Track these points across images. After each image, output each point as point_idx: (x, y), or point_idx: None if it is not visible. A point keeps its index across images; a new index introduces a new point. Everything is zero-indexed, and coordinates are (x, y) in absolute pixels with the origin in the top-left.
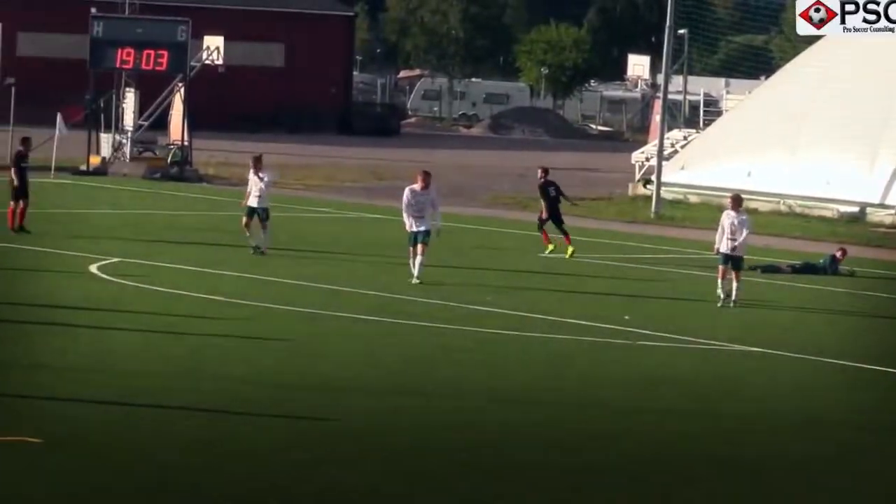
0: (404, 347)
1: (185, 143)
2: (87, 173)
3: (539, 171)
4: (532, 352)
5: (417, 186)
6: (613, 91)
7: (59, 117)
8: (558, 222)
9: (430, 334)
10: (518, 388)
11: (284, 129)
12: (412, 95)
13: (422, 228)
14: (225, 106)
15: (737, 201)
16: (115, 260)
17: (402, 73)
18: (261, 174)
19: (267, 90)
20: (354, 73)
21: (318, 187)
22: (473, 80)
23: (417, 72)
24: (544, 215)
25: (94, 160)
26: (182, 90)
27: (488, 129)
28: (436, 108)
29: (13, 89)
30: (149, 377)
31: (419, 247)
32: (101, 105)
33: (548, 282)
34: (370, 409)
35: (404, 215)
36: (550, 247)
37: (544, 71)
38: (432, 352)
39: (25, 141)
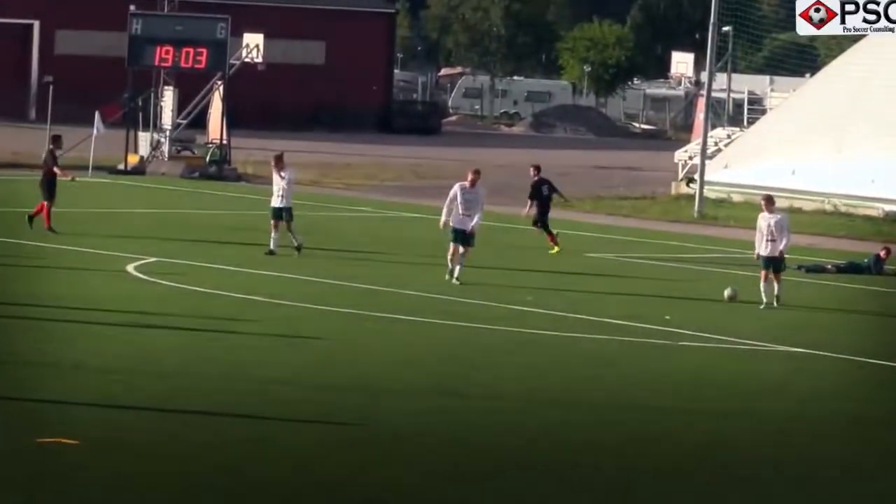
0: (444, 348)
1: (224, 142)
2: (124, 172)
3: (531, 168)
4: (572, 352)
5: (467, 183)
6: (657, 89)
7: (96, 116)
8: (545, 222)
9: (470, 335)
10: (558, 390)
11: (324, 128)
12: (453, 93)
13: (468, 228)
14: (264, 104)
15: (769, 201)
16: (153, 260)
17: (443, 71)
18: (282, 173)
19: (307, 88)
20: (395, 70)
21: (358, 186)
22: (515, 77)
23: (458, 69)
24: (531, 212)
25: (132, 159)
26: (221, 88)
27: (530, 128)
28: (477, 107)
29: (51, 87)
30: (187, 378)
31: (461, 248)
32: (140, 103)
33: (589, 282)
34: (411, 410)
35: (444, 210)
36: (556, 248)
37: (587, 69)
38: (472, 353)
39: (56, 139)
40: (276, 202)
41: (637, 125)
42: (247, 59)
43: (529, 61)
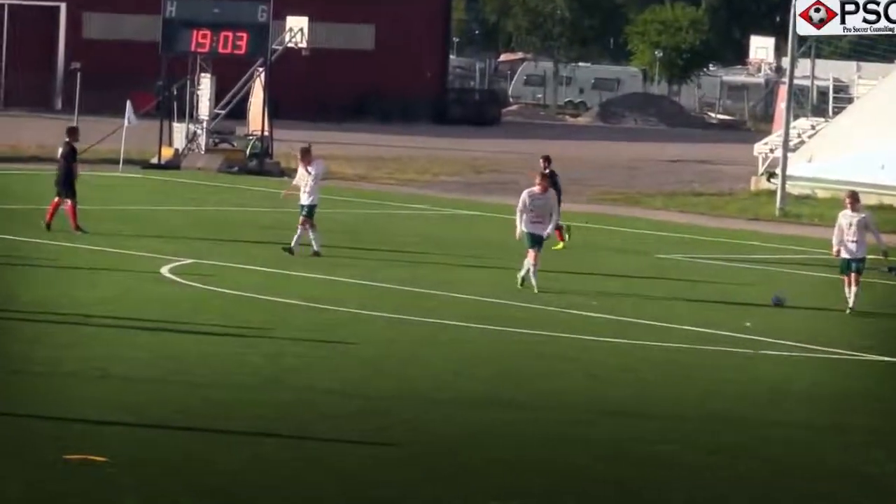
0: (502, 356)
1: (266, 134)
2: (158, 167)
3: (542, 160)
4: (642, 361)
5: (536, 189)
6: (734, 76)
7: (128, 105)
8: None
9: (530, 342)
10: (627, 401)
11: (374, 119)
12: (513, 81)
13: (541, 233)
14: (309, 93)
15: (854, 199)
16: (188, 261)
17: (503, 57)
18: (309, 168)
19: (355, 75)
20: (451, 56)
21: (410, 182)
22: (581, 64)
23: (519, 55)
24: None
25: (167, 152)
26: (262, 76)
27: (597, 118)
28: (539, 95)
29: (79, 75)
30: (224, 389)
31: (532, 253)
32: (174, 92)
33: (659, 286)
34: (467, 422)
35: (517, 220)
36: (561, 244)
37: (658, 54)
38: (532, 361)
39: (73, 132)
40: (303, 199)
41: (713, 115)
42: (290, 45)
43: (596, 46)
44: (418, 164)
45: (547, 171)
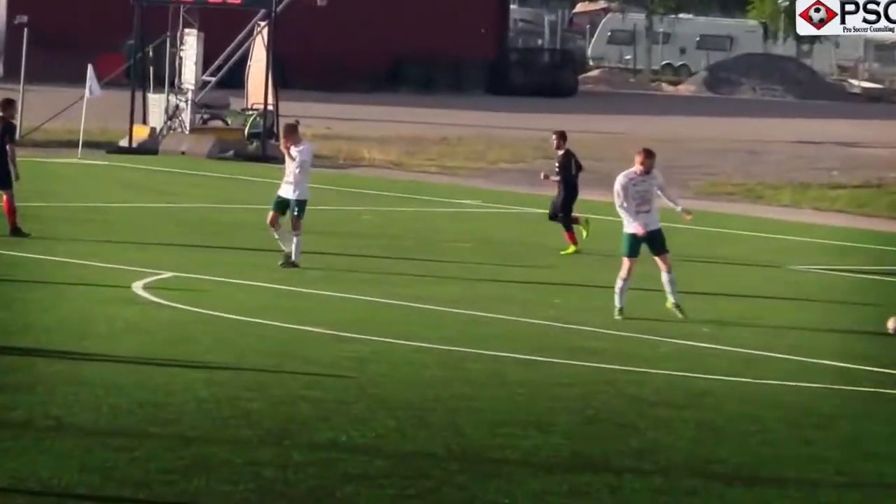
0: (585, 401)
1: (270, 108)
2: (129, 151)
3: (554, 136)
4: (769, 408)
5: (636, 169)
6: (883, 32)
7: (90, 71)
8: (568, 212)
9: (622, 382)
10: (750, 461)
11: (411, 88)
12: (594, 39)
13: (653, 228)
14: (326, 55)
15: None
16: (168, 275)
17: (580, 7)
18: (293, 150)
19: (385, 33)
20: (512, 6)
21: (458, 170)
22: (682, 16)
23: (601, 4)
24: (560, 197)
25: (140, 132)
26: (265, 32)
27: (703, 86)
28: (628, 57)
29: (25, 30)
30: (219, 445)
31: (658, 259)
32: (150, 54)
33: (791, 306)
34: (541, 490)
35: (622, 212)
36: (572, 248)
37: (783, 3)
38: (622, 408)
39: (7, 104)
40: (283, 191)
41: (855, 83)
42: None
43: None
44: (470, 148)
45: (563, 150)
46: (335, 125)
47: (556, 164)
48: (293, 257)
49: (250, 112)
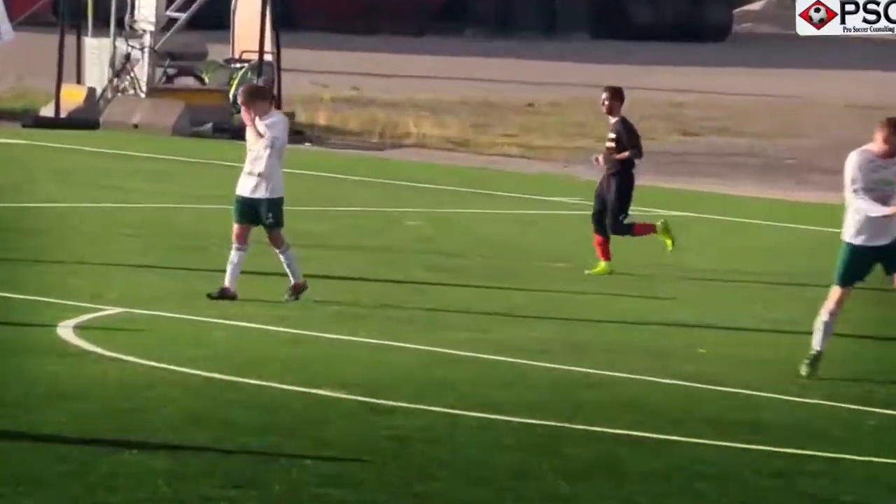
0: (727, 496)
1: (267, 60)
2: (56, 124)
3: (605, 97)
4: None
5: (875, 147)
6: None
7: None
8: (618, 212)
9: (797, 475)
10: None
11: (479, 30)
12: None
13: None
14: None
15: None
16: (115, 310)
17: None
18: (258, 124)
19: None
20: None
21: (550, 152)
22: None
23: None
24: (611, 190)
25: (73, 95)
26: None
27: None
28: None
29: None
30: None
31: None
32: None
33: None
34: None
35: (856, 202)
36: (602, 264)
37: None
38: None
39: None
40: (243, 185)
41: None
42: None
43: None
44: (568, 119)
45: (617, 118)
46: (365, 84)
47: (611, 138)
48: (295, 278)
49: (238, 65)
